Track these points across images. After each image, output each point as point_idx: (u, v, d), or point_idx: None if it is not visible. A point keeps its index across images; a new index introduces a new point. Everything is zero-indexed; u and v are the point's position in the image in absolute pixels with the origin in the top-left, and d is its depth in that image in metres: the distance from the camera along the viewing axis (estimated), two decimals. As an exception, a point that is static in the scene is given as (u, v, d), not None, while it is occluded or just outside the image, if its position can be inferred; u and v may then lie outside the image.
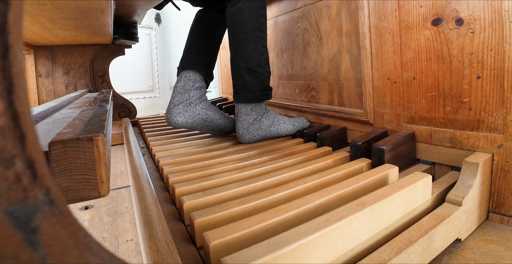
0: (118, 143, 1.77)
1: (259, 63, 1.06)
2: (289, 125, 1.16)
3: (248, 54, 1.04)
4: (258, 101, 1.08)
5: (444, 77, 0.76)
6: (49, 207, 0.19)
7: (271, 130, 1.12)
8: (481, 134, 0.70)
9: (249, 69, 1.05)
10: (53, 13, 1.00)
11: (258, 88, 1.07)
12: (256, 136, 1.09)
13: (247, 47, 1.04)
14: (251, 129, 1.08)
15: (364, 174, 0.70)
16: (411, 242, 0.50)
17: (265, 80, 1.09)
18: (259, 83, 1.07)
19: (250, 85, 1.06)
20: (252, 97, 1.06)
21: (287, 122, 1.16)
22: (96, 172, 0.33)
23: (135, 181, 0.71)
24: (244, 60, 1.05)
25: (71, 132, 0.35)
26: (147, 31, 3.25)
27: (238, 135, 1.09)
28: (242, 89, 1.07)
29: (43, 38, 1.53)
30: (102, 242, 0.77)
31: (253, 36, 1.04)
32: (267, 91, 1.10)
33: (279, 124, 1.14)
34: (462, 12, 0.70)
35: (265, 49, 1.08)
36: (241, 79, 1.07)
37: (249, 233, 0.49)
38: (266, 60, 1.09)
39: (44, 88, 1.82)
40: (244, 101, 1.07)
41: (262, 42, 1.07)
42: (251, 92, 1.06)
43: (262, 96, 1.08)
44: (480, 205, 0.66)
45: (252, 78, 1.06)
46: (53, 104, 0.80)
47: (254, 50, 1.05)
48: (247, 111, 1.08)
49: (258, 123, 1.09)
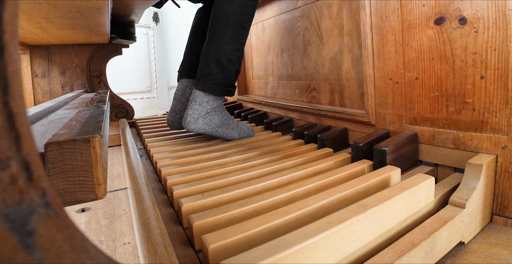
0: (115, 144, 1.77)
1: (231, 59, 1.05)
2: (235, 133, 1.16)
3: (222, 46, 1.03)
4: (218, 95, 1.06)
5: (447, 77, 0.76)
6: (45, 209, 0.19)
7: (218, 131, 1.10)
8: (485, 135, 0.70)
9: (218, 61, 1.04)
10: (49, 12, 1.00)
11: (222, 82, 1.05)
12: (202, 129, 1.07)
13: (223, 38, 1.03)
14: (199, 121, 1.06)
15: (366, 176, 0.70)
16: (414, 245, 0.50)
17: (231, 77, 1.07)
18: (224, 78, 1.05)
19: (214, 76, 1.04)
20: (213, 88, 1.05)
21: (235, 129, 1.16)
22: (93, 173, 0.33)
23: (132, 183, 0.71)
24: (215, 51, 1.03)
25: (68, 133, 0.35)
26: (145, 30, 3.26)
27: (185, 120, 1.06)
28: (205, 78, 1.05)
29: (39, 37, 1.53)
30: (99, 245, 0.77)
31: (233, 30, 1.03)
32: (230, 88, 1.08)
33: (227, 129, 1.13)
34: (466, 11, 0.70)
35: (241, 47, 1.07)
36: (207, 67, 1.05)
37: (249, 236, 0.49)
38: (239, 58, 1.08)
39: (40, 88, 1.82)
40: (203, 89, 1.05)
41: (240, 39, 1.06)
42: (213, 83, 1.05)
43: (223, 91, 1.06)
44: (484, 208, 0.66)
45: (219, 71, 1.05)
46: (49, 105, 0.80)
47: (230, 44, 1.03)
48: (202, 102, 1.06)
49: (209, 118, 1.07)
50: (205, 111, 1.06)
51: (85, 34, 1.53)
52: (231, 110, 1.81)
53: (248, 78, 1.99)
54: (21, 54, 1.74)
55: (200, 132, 1.08)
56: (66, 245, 0.19)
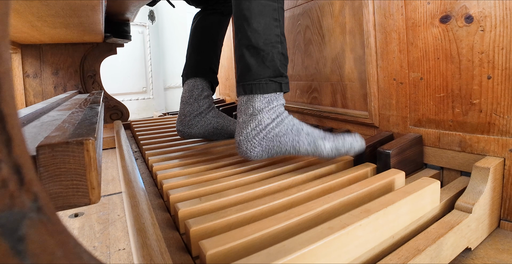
0: (109, 146, 1.77)
1: (267, 40, 0.81)
2: (315, 138, 0.81)
3: (251, 27, 0.80)
4: (264, 92, 0.80)
5: (453, 77, 0.76)
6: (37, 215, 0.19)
7: (281, 141, 0.80)
8: (492, 137, 0.70)
9: (252, 46, 0.80)
10: (41, 10, 1.00)
11: (265, 73, 0.81)
12: (257, 147, 0.79)
13: (250, 18, 0.80)
14: (251, 136, 0.79)
15: (369, 180, 0.70)
16: (419, 251, 0.50)
17: (276, 64, 0.81)
18: (266, 66, 0.81)
19: (253, 68, 0.81)
20: (257, 85, 0.80)
21: (314, 133, 0.82)
22: (86, 177, 0.33)
23: (127, 187, 0.71)
24: (245, 36, 0.81)
25: (60, 135, 0.35)
26: (140, 29, 3.26)
27: (236, 144, 0.82)
28: (243, 76, 0.82)
29: (31, 36, 1.53)
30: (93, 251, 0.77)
31: (259, 5, 0.80)
32: (279, 79, 0.82)
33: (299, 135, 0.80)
34: (472, 9, 0.71)
35: (277, 23, 0.83)
36: (242, 62, 0.83)
37: (248, 242, 0.49)
38: (279, 38, 0.83)
39: (32, 89, 1.82)
40: (245, 92, 0.81)
41: (273, 13, 0.82)
42: (254, 79, 0.81)
43: (271, 85, 0.81)
44: (491, 212, 0.66)
45: (257, 59, 0.81)
46: (41, 106, 0.80)
47: (261, 23, 0.81)
48: (248, 109, 0.81)
49: (263, 129, 0.79)
50: (256, 121, 0.79)
51: (78, 33, 1.53)
52: (229, 112, 1.81)
53: (247, 79, 1.98)
54: (12, 54, 1.74)
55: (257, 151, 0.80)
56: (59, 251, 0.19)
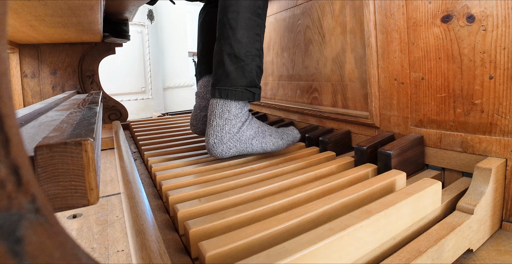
0: (108, 147, 1.77)
1: (248, 51, 0.89)
2: (276, 138, 0.98)
3: (235, 37, 0.88)
4: (239, 99, 0.89)
5: (454, 77, 0.76)
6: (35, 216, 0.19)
7: (252, 143, 0.93)
8: (494, 138, 0.70)
9: (233, 55, 0.88)
10: (39, 9, 1.00)
11: (241, 81, 0.89)
12: (233, 148, 0.90)
13: (236, 29, 0.88)
14: (226, 139, 0.88)
15: (370, 180, 0.70)
16: (420, 253, 0.50)
17: (253, 75, 0.91)
18: (244, 76, 0.89)
19: (232, 75, 0.88)
20: (233, 92, 0.88)
21: (274, 134, 0.98)
22: (84, 178, 0.33)
23: (126, 188, 0.71)
24: (228, 44, 0.88)
25: (58, 136, 0.35)
26: (139, 28, 3.26)
27: (208, 144, 0.89)
28: (221, 81, 0.89)
29: (29, 36, 1.53)
30: (91, 252, 0.77)
31: (246, 18, 0.89)
32: (253, 89, 0.91)
33: (264, 137, 0.95)
34: (474, 9, 0.71)
35: (258, 38, 0.92)
36: (221, 68, 0.89)
37: (248, 243, 0.49)
38: (258, 52, 0.92)
39: (30, 89, 1.82)
40: (221, 96, 0.88)
41: (256, 29, 0.91)
42: (232, 86, 0.88)
43: (246, 93, 0.90)
44: (493, 214, 0.66)
45: (236, 68, 0.88)
46: (39, 107, 0.80)
47: (245, 34, 0.89)
48: (223, 113, 0.89)
49: (237, 133, 0.90)
50: (230, 125, 0.89)
51: (76, 32, 1.53)
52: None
53: (247, 79, 1.99)
54: (10, 54, 1.74)
55: (232, 152, 0.91)
56: (57, 253, 0.19)
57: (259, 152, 0.95)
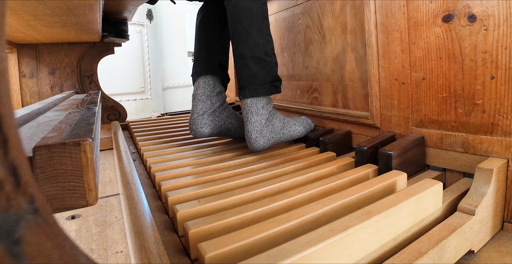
0: (107, 147, 1.77)
1: (267, 52, 1.02)
2: (299, 127, 1.12)
3: (254, 41, 1.00)
4: (268, 94, 1.03)
5: (455, 77, 0.77)
6: (34, 217, 0.19)
7: (284, 133, 1.07)
8: (496, 138, 0.70)
9: (256, 57, 1.01)
10: (38, 9, 1.00)
11: (267, 79, 1.02)
12: (271, 139, 1.03)
13: (253, 34, 1.00)
14: (264, 132, 1.01)
15: (370, 181, 0.70)
16: (421, 254, 0.50)
17: (274, 70, 1.05)
18: (268, 73, 1.02)
19: (258, 75, 1.01)
20: (262, 89, 1.01)
21: (297, 124, 1.13)
22: (83, 179, 0.33)
23: (125, 188, 0.71)
24: (250, 48, 1.00)
25: (57, 136, 0.35)
26: (138, 28, 3.26)
27: (251, 139, 1.00)
28: (250, 82, 1.01)
29: (27, 35, 1.53)
30: (90, 254, 0.77)
31: (258, 23, 1.01)
32: (277, 83, 1.05)
33: (290, 126, 1.09)
34: (475, 8, 0.71)
35: (270, 38, 1.05)
36: (247, 70, 1.01)
37: (247, 244, 0.49)
38: (273, 50, 1.06)
39: (28, 89, 1.82)
40: (252, 95, 1.00)
41: (267, 30, 1.04)
42: (260, 84, 1.01)
43: (272, 88, 1.03)
44: (495, 214, 0.66)
45: (260, 68, 1.01)
46: (37, 107, 0.80)
47: (261, 37, 1.01)
48: (258, 110, 1.00)
49: (271, 125, 1.03)
50: (265, 119, 1.01)
51: (75, 32, 1.53)
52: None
53: (246, 79, 1.99)
54: (8, 53, 1.74)
55: (270, 143, 1.03)
56: (56, 254, 0.19)
57: (288, 139, 1.10)
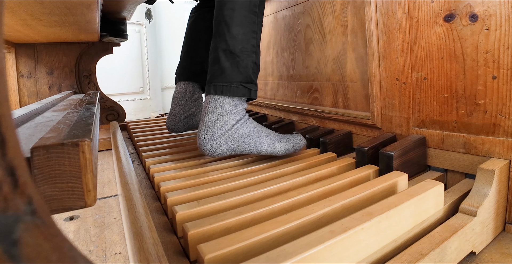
0: (105, 148, 1.77)
1: (244, 47, 0.89)
2: (273, 140, 0.93)
3: (231, 33, 0.88)
4: (234, 95, 0.88)
5: (457, 77, 0.77)
6: (31, 218, 0.19)
7: (245, 142, 0.89)
8: (497, 139, 0.70)
9: (229, 51, 0.88)
10: (36, 8, 1.00)
11: (237, 77, 0.88)
12: (223, 145, 0.87)
13: (231, 25, 0.88)
14: (216, 135, 0.86)
15: (371, 182, 0.70)
16: (422, 256, 0.50)
17: (249, 71, 0.90)
18: (239, 72, 0.88)
19: (227, 71, 0.87)
20: (227, 88, 0.87)
21: (271, 136, 0.94)
22: (82, 179, 0.33)
23: (124, 189, 0.70)
24: (224, 40, 0.88)
25: (55, 137, 0.35)
26: (137, 28, 3.26)
27: (199, 140, 0.88)
28: (217, 78, 0.88)
29: (25, 35, 1.53)
30: (89, 255, 0.77)
31: (241, 16, 0.89)
32: (249, 85, 0.90)
33: (260, 137, 0.91)
34: (477, 8, 0.71)
35: (255, 35, 0.92)
36: (217, 64, 0.89)
37: (247, 246, 0.49)
38: (254, 49, 0.92)
39: (26, 89, 1.82)
40: (216, 92, 0.88)
41: (252, 26, 0.91)
42: (226, 81, 0.87)
43: (240, 88, 0.88)
44: (496, 216, 0.66)
45: (232, 64, 0.88)
46: (35, 107, 0.80)
47: (240, 31, 0.89)
48: (216, 109, 0.87)
49: (229, 130, 0.87)
50: (222, 121, 0.87)
51: (73, 32, 1.53)
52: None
53: (246, 79, 1.99)
54: (6, 53, 1.74)
55: (222, 150, 0.88)
56: (54, 256, 0.19)
57: (253, 152, 0.91)
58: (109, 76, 2.98)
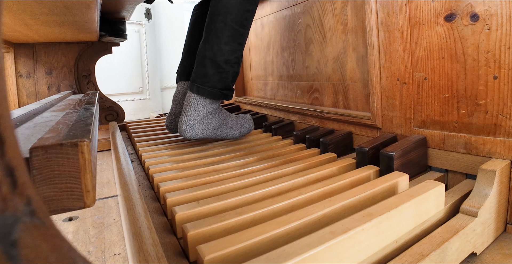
0: (104, 148, 1.77)
1: (228, 60, 1.05)
2: (235, 131, 1.19)
3: (219, 45, 1.03)
4: (214, 99, 1.07)
5: (458, 77, 0.77)
6: (30, 218, 0.19)
7: (216, 133, 1.13)
8: (498, 139, 0.70)
9: (214, 62, 1.03)
10: (35, 8, 1.00)
11: (218, 84, 1.05)
12: (200, 134, 1.09)
13: (220, 37, 1.02)
14: (196, 127, 1.07)
15: (372, 183, 0.70)
16: (423, 256, 0.50)
17: (229, 80, 1.08)
18: (220, 80, 1.05)
19: (210, 78, 1.04)
20: (209, 92, 1.05)
21: (234, 127, 1.19)
22: (81, 180, 0.33)
23: (123, 190, 0.71)
24: (212, 51, 1.03)
25: (54, 137, 0.35)
26: (136, 27, 3.26)
27: (181, 128, 1.07)
28: (200, 80, 1.05)
29: (24, 35, 1.53)
30: (88, 256, 0.77)
31: (231, 29, 1.03)
32: (227, 92, 1.09)
33: (226, 129, 1.16)
34: (478, 7, 0.71)
35: (240, 47, 1.07)
36: (202, 68, 1.05)
37: (247, 247, 0.49)
38: (237, 60, 1.08)
39: (25, 89, 1.82)
40: (198, 93, 1.05)
41: (239, 38, 1.06)
42: (209, 86, 1.05)
43: (219, 95, 1.07)
44: (497, 216, 0.66)
45: (215, 72, 1.04)
46: (34, 107, 0.80)
47: (228, 44, 1.03)
48: (198, 107, 1.06)
49: (205, 122, 1.08)
50: (201, 116, 1.06)
51: (72, 31, 1.53)
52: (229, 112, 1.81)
53: (246, 79, 1.99)
54: (4, 53, 1.74)
55: (198, 137, 1.09)
56: (53, 256, 0.19)
57: (222, 139, 1.23)
58: (108, 76, 2.98)
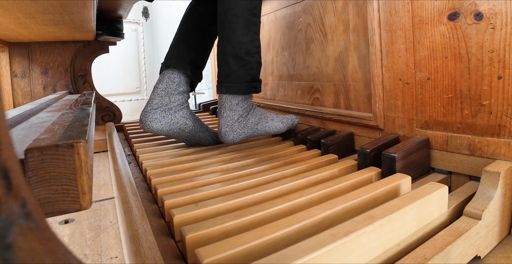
0: (101, 150, 1.77)
1: (249, 51, 1.04)
2: (277, 122, 1.17)
3: (237, 38, 1.02)
4: (244, 93, 1.06)
5: (461, 77, 0.77)
6: (25, 221, 0.19)
7: (258, 128, 1.11)
8: (503, 140, 0.70)
9: (236, 55, 1.03)
10: (30, 6, 1.00)
11: (245, 78, 1.05)
12: (242, 134, 1.07)
13: (236, 30, 1.02)
14: (235, 127, 1.05)
15: (373, 185, 0.70)
16: (425, 260, 0.50)
17: (254, 71, 1.07)
18: (247, 73, 1.05)
19: (236, 74, 1.04)
20: (238, 88, 1.04)
21: (275, 119, 1.17)
22: (77, 182, 0.33)
23: (120, 192, 0.70)
24: (231, 45, 1.03)
25: (50, 138, 0.35)
26: (134, 26, 3.26)
27: (221, 133, 1.06)
28: (227, 78, 1.04)
29: (19, 34, 1.53)
30: (84, 259, 0.77)
31: (244, 20, 1.02)
32: (256, 83, 1.08)
33: (267, 122, 1.14)
34: (482, 6, 0.71)
35: (257, 36, 1.07)
36: (226, 66, 1.04)
37: (246, 250, 0.49)
38: (257, 49, 1.07)
39: (20, 89, 1.82)
40: (228, 91, 1.04)
41: (254, 27, 1.05)
42: (237, 82, 1.04)
43: (249, 88, 1.06)
44: (502, 219, 0.66)
45: (239, 66, 1.04)
46: (29, 108, 0.80)
47: (245, 35, 1.03)
48: (232, 106, 1.05)
49: (243, 121, 1.07)
50: (238, 115, 1.05)
51: (68, 30, 1.53)
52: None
53: (246, 78, 1.99)
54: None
55: (241, 138, 1.08)
56: (48, 260, 0.19)
57: (264, 134, 1.16)
58: (105, 76, 2.98)
